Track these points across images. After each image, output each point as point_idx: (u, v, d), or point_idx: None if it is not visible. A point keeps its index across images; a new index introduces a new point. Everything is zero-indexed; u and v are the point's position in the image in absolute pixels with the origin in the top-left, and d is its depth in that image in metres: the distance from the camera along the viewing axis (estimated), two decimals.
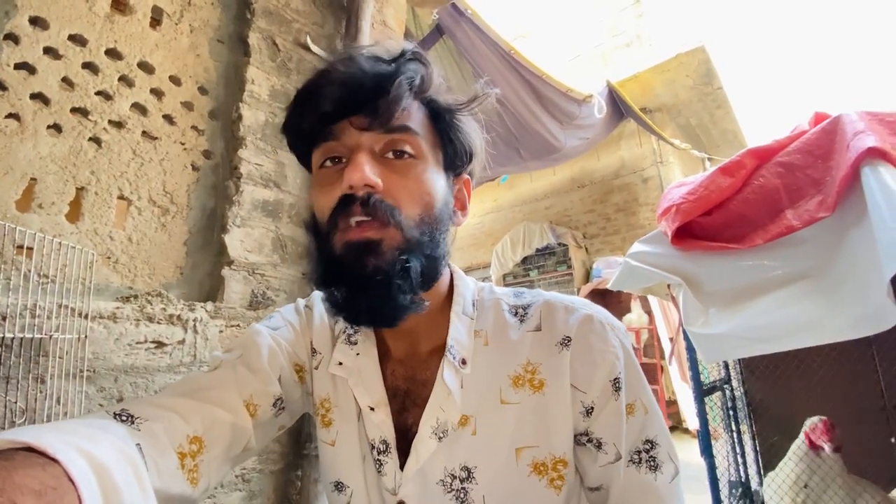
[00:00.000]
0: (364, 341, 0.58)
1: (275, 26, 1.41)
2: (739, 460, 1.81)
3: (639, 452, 0.50)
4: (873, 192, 1.07)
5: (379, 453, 0.52)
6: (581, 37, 6.02)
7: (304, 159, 0.56)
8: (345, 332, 0.59)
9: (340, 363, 0.56)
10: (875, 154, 1.09)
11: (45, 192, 0.97)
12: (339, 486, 0.56)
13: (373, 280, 0.46)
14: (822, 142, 1.27)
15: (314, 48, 1.49)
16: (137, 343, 1.01)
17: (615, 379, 0.50)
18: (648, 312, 5.05)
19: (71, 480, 0.29)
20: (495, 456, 0.50)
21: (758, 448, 1.85)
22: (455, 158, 0.55)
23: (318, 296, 0.67)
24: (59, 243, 0.88)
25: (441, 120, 0.54)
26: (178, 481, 0.42)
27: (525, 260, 6.50)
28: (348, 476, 0.55)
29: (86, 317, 0.91)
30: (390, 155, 0.50)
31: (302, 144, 0.54)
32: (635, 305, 5.27)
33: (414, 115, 0.51)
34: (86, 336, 0.90)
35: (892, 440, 1.65)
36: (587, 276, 5.86)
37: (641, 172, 5.82)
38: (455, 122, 0.54)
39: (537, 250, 6.32)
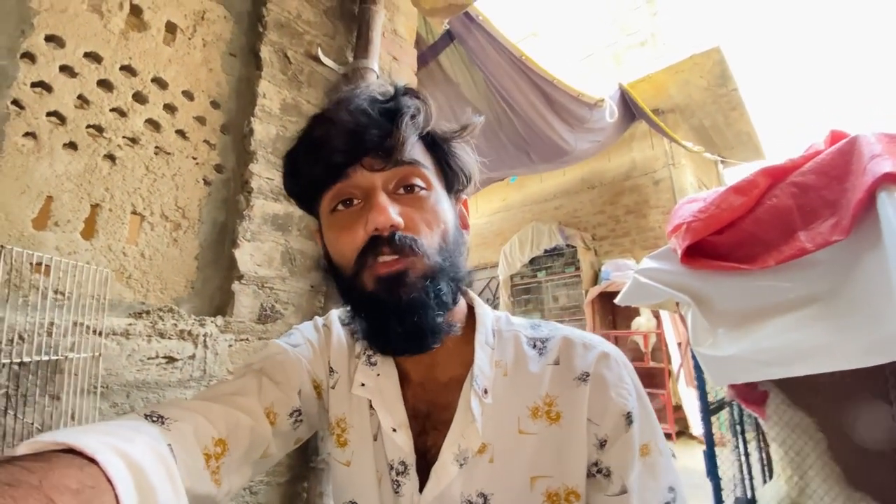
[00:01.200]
0: (384, 363, 0.59)
1: (286, 39, 1.41)
2: (746, 476, 1.81)
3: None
4: (889, 219, 1.06)
5: (397, 474, 0.54)
6: (593, 35, 5.96)
7: (309, 206, 0.57)
8: (364, 353, 0.61)
9: (363, 384, 0.58)
10: (892, 179, 1.07)
11: (61, 209, 0.99)
12: None
13: (407, 308, 0.48)
14: (837, 162, 1.25)
15: (325, 60, 1.49)
16: (149, 359, 1.02)
17: (628, 413, 0.51)
18: (657, 316, 5.02)
19: (109, 480, 0.30)
20: (511, 484, 0.51)
21: (764, 463, 1.84)
22: (455, 182, 0.58)
23: (335, 315, 0.68)
24: (75, 263, 0.89)
25: (438, 148, 0.56)
26: (204, 481, 0.44)
27: (533, 260, 6.49)
28: (362, 496, 0.57)
29: (100, 334, 0.93)
30: (401, 191, 0.52)
31: (310, 192, 0.55)
32: (644, 309, 5.23)
33: (417, 147, 0.54)
34: (100, 354, 0.92)
35: None
36: (595, 279, 5.82)
37: (653, 174, 5.76)
38: (452, 150, 0.57)
39: (545, 251, 6.29)
